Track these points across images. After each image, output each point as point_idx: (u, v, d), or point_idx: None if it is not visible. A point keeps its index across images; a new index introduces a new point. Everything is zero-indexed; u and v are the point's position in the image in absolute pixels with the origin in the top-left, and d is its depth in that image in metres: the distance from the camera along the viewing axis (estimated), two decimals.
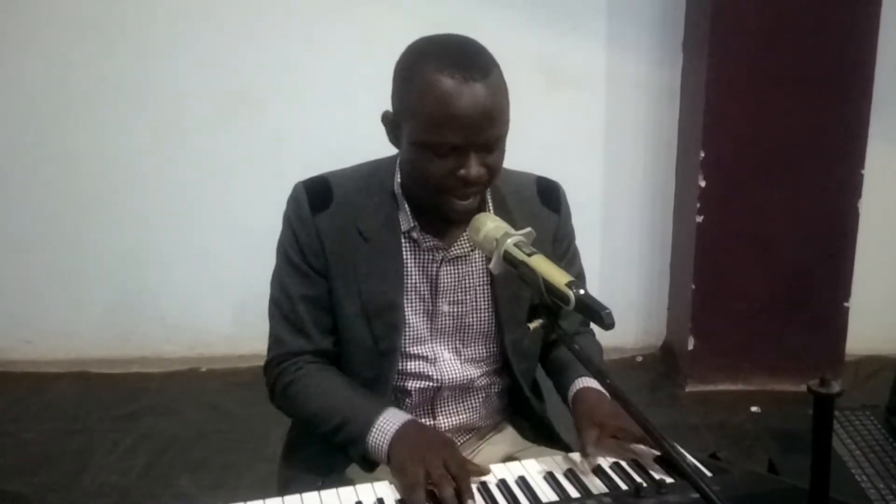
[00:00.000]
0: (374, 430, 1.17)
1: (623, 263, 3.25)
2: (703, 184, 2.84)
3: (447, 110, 1.10)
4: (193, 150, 3.07)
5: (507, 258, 1.09)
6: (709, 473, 1.12)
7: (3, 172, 3.08)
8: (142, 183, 3.10)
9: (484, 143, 1.13)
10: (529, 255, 1.06)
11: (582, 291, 0.99)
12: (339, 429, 1.21)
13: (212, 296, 3.20)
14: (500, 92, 1.14)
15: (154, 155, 3.07)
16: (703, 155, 2.82)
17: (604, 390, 1.28)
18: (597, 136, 3.13)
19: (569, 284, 0.99)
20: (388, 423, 1.18)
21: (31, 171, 3.08)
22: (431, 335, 1.30)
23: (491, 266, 1.13)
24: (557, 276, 1.02)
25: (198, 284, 3.19)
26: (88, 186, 3.10)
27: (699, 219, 2.88)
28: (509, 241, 1.09)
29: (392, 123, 1.21)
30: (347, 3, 2.97)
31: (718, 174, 2.83)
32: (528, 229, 1.13)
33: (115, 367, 3.18)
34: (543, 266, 1.04)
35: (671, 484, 1.07)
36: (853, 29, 2.72)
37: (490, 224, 1.14)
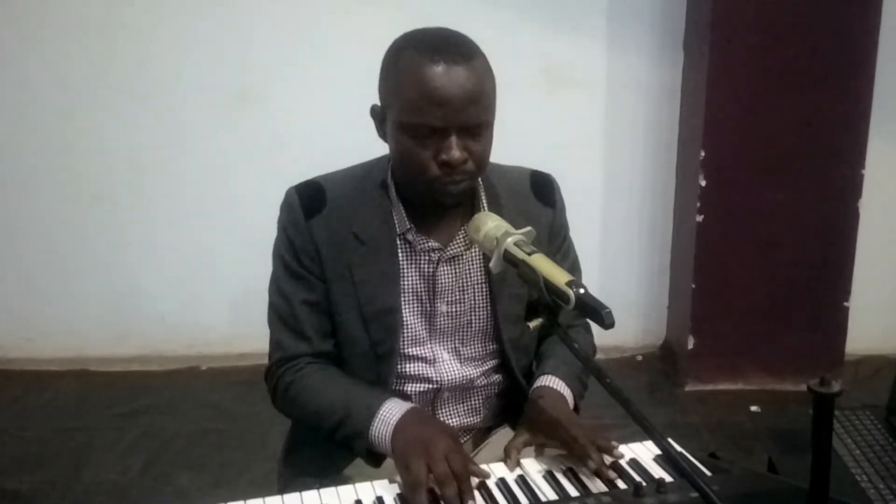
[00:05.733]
0: (377, 420, 1.17)
1: (623, 262, 3.25)
2: (703, 183, 2.84)
3: (426, 91, 1.11)
4: (193, 149, 3.07)
5: (508, 257, 1.09)
6: (708, 473, 1.12)
7: (3, 171, 3.08)
8: (142, 182, 3.10)
9: (464, 125, 1.13)
10: (530, 254, 1.06)
11: (582, 290, 0.98)
12: (342, 424, 1.21)
13: (211, 294, 3.20)
14: (482, 76, 1.14)
15: (154, 154, 3.07)
16: (703, 154, 2.82)
17: (563, 391, 1.28)
18: (597, 135, 3.13)
19: (569, 283, 0.99)
20: (391, 412, 1.17)
21: (31, 169, 3.07)
22: (430, 336, 1.30)
23: (491, 265, 1.13)
24: (558, 275, 1.01)
25: (197, 283, 3.19)
26: (88, 185, 3.10)
27: (699, 218, 2.88)
28: (509, 239, 1.09)
29: (379, 116, 1.22)
30: (348, 1, 2.97)
31: (719, 173, 2.83)
32: (528, 228, 1.13)
33: (114, 366, 3.18)
34: (544, 265, 1.04)
35: (670, 483, 1.06)
36: (853, 28, 2.72)
37: (490, 223, 1.14)
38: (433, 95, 1.11)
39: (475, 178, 1.21)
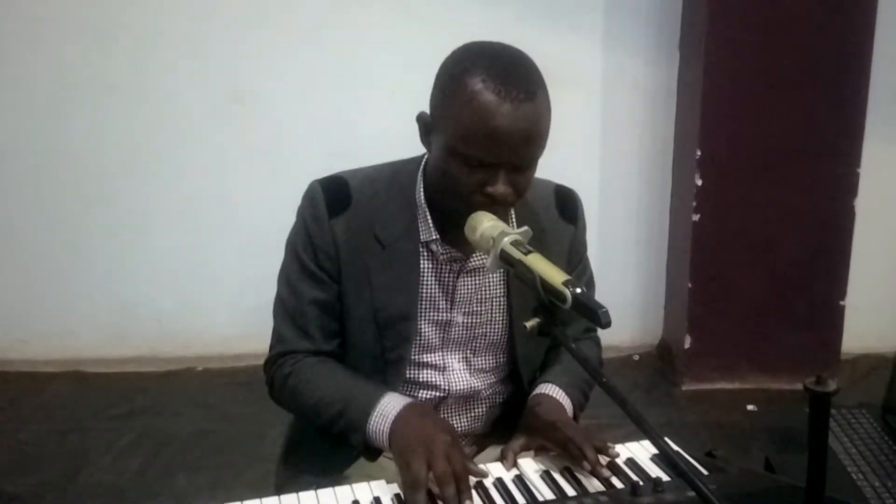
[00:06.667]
0: (375, 414, 1.16)
1: (620, 262, 3.25)
2: (699, 182, 2.85)
3: (485, 125, 1.08)
4: (190, 149, 3.06)
5: (504, 257, 1.08)
6: (705, 472, 1.11)
7: None
8: (138, 182, 3.09)
9: (517, 163, 1.12)
10: (526, 253, 1.05)
11: (579, 290, 0.98)
12: (340, 416, 1.20)
13: (208, 295, 3.19)
14: (542, 115, 1.12)
15: (151, 154, 3.07)
16: (699, 153, 2.82)
17: (562, 400, 1.27)
18: (593, 134, 3.13)
19: (566, 283, 0.99)
20: (389, 406, 1.17)
21: (27, 170, 3.06)
22: (443, 344, 1.29)
23: (487, 265, 1.12)
24: (554, 275, 1.01)
25: (194, 284, 3.18)
26: (85, 186, 3.09)
27: (696, 217, 2.88)
28: (506, 239, 1.08)
29: (427, 125, 1.19)
30: (344, 0, 2.96)
31: (715, 173, 2.84)
32: (525, 228, 1.12)
33: (111, 367, 3.17)
34: (540, 265, 1.03)
35: (668, 482, 1.06)
36: (849, 27, 2.73)
37: (486, 223, 1.12)
38: (492, 132, 1.07)
39: (513, 206, 1.20)
